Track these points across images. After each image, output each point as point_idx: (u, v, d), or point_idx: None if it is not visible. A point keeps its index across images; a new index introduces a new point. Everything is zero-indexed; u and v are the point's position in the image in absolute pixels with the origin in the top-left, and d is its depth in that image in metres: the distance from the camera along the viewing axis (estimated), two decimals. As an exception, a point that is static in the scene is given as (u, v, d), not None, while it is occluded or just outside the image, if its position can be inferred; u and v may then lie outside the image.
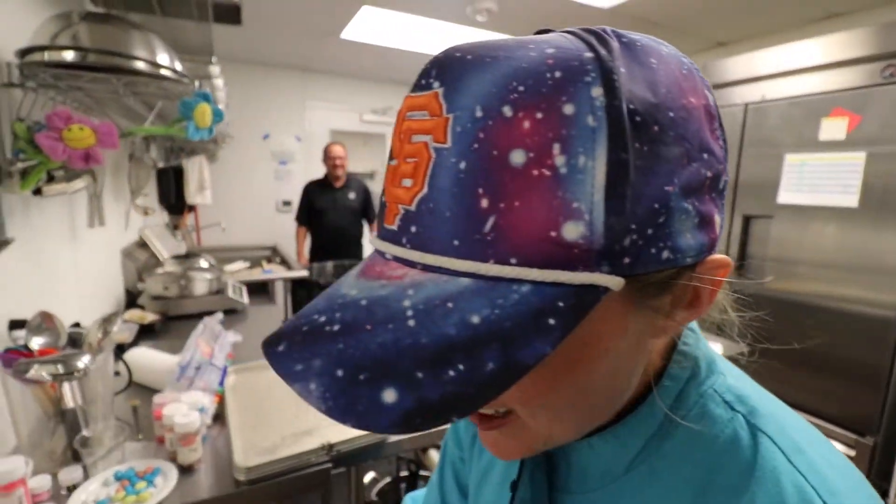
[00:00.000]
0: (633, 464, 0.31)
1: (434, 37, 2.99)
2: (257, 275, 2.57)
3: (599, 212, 0.21)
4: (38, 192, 1.00)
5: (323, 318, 0.23)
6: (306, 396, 0.20)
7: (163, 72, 1.00)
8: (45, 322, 0.97)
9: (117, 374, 1.19)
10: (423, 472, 1.54)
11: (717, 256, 0.26)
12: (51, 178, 1.00)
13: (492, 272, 0.21)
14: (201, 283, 1.94)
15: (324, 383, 0.20)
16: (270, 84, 3.86)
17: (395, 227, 0.25)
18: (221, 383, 1.14)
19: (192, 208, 3.16)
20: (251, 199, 3.92)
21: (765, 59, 2.09)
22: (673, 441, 0.30)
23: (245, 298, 2.03)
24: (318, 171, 3.36)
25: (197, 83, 1.07)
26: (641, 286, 0.24)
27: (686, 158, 0.23)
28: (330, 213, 3.23)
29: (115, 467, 0.89)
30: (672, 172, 0.22)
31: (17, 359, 0.83)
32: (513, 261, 0.21)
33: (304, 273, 2.61)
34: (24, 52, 0.96)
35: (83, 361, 0.85)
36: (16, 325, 0.98)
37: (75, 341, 1.02)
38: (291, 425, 1.04)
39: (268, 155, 3.97)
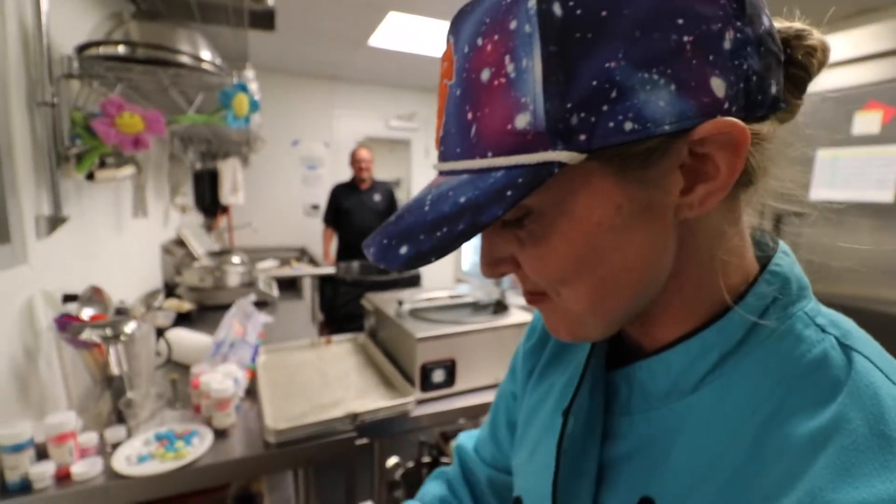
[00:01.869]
0: (705, 381, 0.30)
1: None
2: (287, 271, 2.66)
3: (540, 100, 0.24)
4: (90, 177, 1.08)
5: (392, 217, 0.32)
6: (367, 255, 0.30)
7: (204, 65, 1.07)
8: (94, 295, 1.05)
9: (158, 354, 1.27)
10: (444, 459, 1.56)
11: (720, 121, 0.24)
12: (102, 164, 1.08)
13: (477, 166, 0.27)
14: (234, 276, 2.03)
15: (375, 247, 0.30)
16: (300, 92, 4.01)
17: (438, 151, 0.32)
18: (253, 360, 1.20)
19: (225, 210, 3.29)
20: (281, 203, 4.05)
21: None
22: (752, 358, 0.29)
23: (275, 291, 2.11)
24: (346, 176, 3.46)
25: (234, 76, 1.14)
26: (621, 159, 0.26)
27: (641, 32, 0.24)
28: (356, 214, 3.31)
29: (156, 429, 0.95)
30: (617, 50, 0.24)
31: (71, 323, 0.90)
32: (489, 154, 0.27)
33: (331, 270, 2.69)
34: (81, 48, 1.05)
35: (130, 327, 0.92)
36: (69, 298, 1.06)
37: (121, 314, 1.10)
38: (318, 398, 1.09)
39: (297, 160, 4.11)
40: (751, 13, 0.26)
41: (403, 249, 0.27)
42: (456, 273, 4.91)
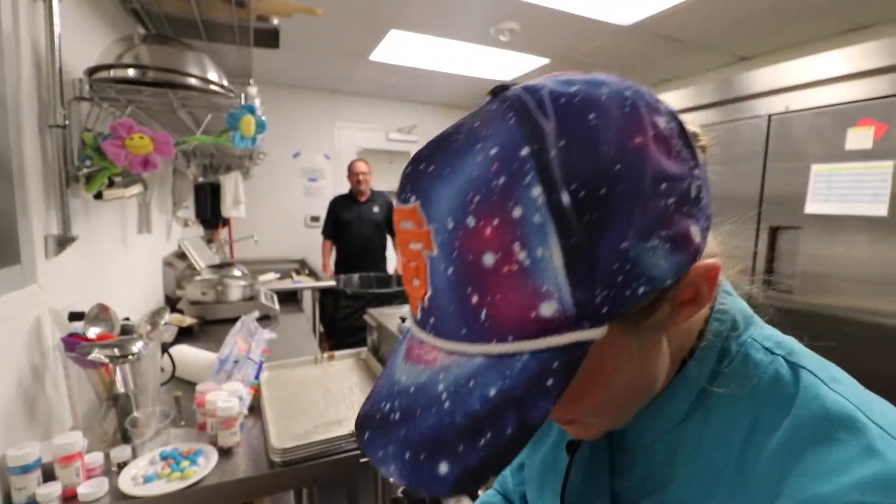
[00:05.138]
0: (689, 414, 0.35)
1: (459, 56, 3.10)
2: (287, 284, 2.66)
3: (566, 289, 0.24)
4: (98, 196, 1.10)
5: (388, 407, 0.28)
6: (387, 475, 0.26)
7: (212, 87, 1.10)
8: (101, 313, 1.05)
9: (162, 370, 1.27)
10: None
11: (702, 264, 0.28)
12: (110, 184, 1.10)
13: (496, 350, 0.26)
14: (236, 290, 2.04)
15: (398, 465, 0.26)
16: (301, 105, 4.04)
17: (419, 316, 0.30)
18: (257, 377, 1.20)
19: (226, 222, 3.30)
20: (281, 215, 4.07)
21: (788, 70, 2.10)
22: (723, 388, 0.33)
23: (276, 305, 2.12)
24: (346, 188, 3.49)
25: (242, 97, 1.17)
26: (632, 314, 0.27)
27: (638, 206, 0.25)
28: (355, 226, 3.33)
29: (161, 448, 0.95)
30: (625, 229, 0.25)
31: (79, 342, 0.91)
32: (510, 338, 0.25)
33: (331, 283, 2.70)
34: (92, 71, 1.07)
35: (137, 346, 0.92)
36: (75, 316, 1.07)
37: (127, 332, 1.11)
38: (322, 415, 1.09)
39: (298, 172, 4.13)
40: (697, 153, 0.29)
41: (444, 468, 0.24)
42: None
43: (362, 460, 1.01)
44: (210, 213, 3.00)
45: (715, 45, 2.81)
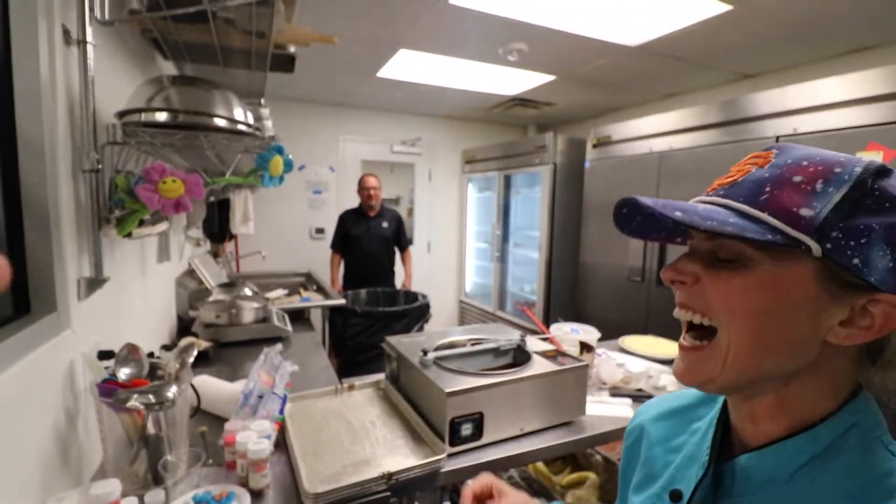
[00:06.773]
0: (796, 474, 0.41)
1: (465, 72, 3.12)
2: (297, 302, 2.67)
3: (825, 212, 0.37)
4: (128, 234, 1.11)
5: (681, 204, 0.41)
6: (640, 202, 0.41)
7: (242, 127, 1.11)
8: (131, 354, 1.06)
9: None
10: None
11: (894, 297, 0.37)
12: (140, 223, 1.11)
13: (752, 213, 0.39)
14: (249, 312, 2.04)
15: (651, 200, 0.40)
16: (306, 119, 4.06)
17: (711, 192, 0.44)
18: (281, 411, 1.21)
19: (232, 236, 3.31)
20: (286, 227, 4.07)
21: (796, 93, 2.13)
22: (837, 462, 0.40)
23: (289, 326, 2.12)
24: (351, 200, 3.50)
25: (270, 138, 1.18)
26: (832, 273, 0.38)
27: (888, 228, 0.37)
28: (364, 241, 3.34)
29: (193, 491, 0.96)
30: (881, 223, 0.36)
31: (114, 389, 0.92)
32: (766, 213, 0.39)
33: (340, 301, 2.70)
34: (122, 114, 1.08)
35: (172, 392, 0.93)
36: (104, 355, 1.08)
37: (154, 371, 1.11)
38: (349, 454, 1.10)
39: (303, 185, 4.14)
40: None
41: (678, 214, 0.38)
42: (458, 295, 4.93)
43: (392, 500, 1.02)
44: (217, 227, 3.00)
45: (720, 65, 2.84)
